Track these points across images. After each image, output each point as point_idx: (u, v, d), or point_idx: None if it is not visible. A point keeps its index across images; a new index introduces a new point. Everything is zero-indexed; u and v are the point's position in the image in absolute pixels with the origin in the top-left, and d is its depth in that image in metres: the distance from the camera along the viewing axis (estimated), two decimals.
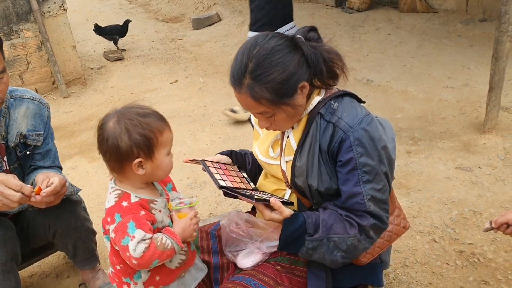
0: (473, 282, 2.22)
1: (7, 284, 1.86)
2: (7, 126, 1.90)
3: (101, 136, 1.43)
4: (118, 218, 1.40)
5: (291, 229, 1.58)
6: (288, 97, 1.50)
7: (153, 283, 1.52)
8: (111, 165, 1.46)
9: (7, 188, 1.61)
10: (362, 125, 1.51)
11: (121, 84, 5.54)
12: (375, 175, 1.52)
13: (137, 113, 1.42)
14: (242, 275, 1.77)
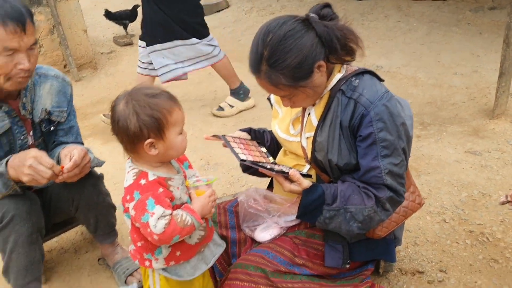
0: (483, 260, 2.28)
1: (32, 255, 1.93)
2: (33, 102, 1.96)
3: (112, 118, 1.46)
4: (137, 195, 1.44)
5: (309, 199, 1.64)
6: (304, 79, 1.55)
7: (174, 258, 1.57)
8: (124, 145, 1.50)
9: (39, 164, 1.67)
10: (382, 101, 1.56)
11: (131, 68, 5.57)
12: (393, 150, 1.58)
13: (145, 94, 1.44)
14: (261, 248, 1.83)
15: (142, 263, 1.59)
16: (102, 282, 2.34)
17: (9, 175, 1.75)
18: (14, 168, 1.72)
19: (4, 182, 1.79)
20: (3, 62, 1.68)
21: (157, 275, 1.61)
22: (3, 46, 1.64)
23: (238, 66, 5.43)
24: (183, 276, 1.60)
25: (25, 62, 1.71)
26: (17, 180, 1.77)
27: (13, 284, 1.97)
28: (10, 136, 1.90)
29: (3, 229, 1.86)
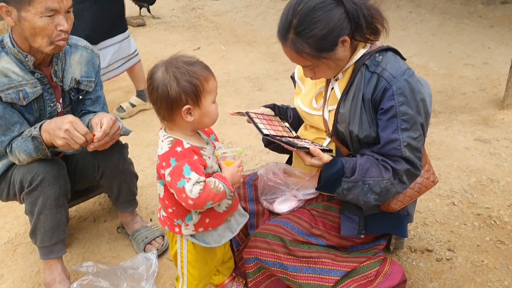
0: (490, 242, 2.35)
1: (59, 217, 2.01)
2: (63, 71, 2.02)
3: (151, 86, 1.51)
4: (174, 162, 1.50)
5: (329, 172, 1.70)
6: (328, 52, 1.62)
7: (203, 225, 1.64)
8: (161, 113, 1.54)
9: (75, 130, 1.74)
10: (404, 76, 1.62)
11: (144, 49, 5.64)
12: (413, 124, 1.64)
13: (184, 61, 1.50)
14: (279, 218, 1.91)
15: (172, 229, 1.66)
16: (121, 250, 2.42)
17: (42, 139, 1.82)
18: (49, 132, 1.79)
19: (36, 146, 1.86)
20: (45, 23, 1.76)
21: (185, 241, 1.69)
22: (45, 7, 1.73)
23: (250, 50, 5.51)
24: (210, 243, 1.68)
25: (64, 24, 1.79)
26: (49, 144, 1.85)
27: (39, 245, 2.05)
28: (41, 102, 1.98)
29: (32, 192, 1.94)
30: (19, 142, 1.88)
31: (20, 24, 1.78)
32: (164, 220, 1.69)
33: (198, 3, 7.76)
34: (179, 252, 1.72)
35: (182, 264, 1.73)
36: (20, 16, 1.76)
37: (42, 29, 1.76)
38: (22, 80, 1.89)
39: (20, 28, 1.79)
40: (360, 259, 1.87)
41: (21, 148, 1.87)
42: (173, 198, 1.57)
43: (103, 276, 2.09)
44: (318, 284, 1.78)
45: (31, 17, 1.74)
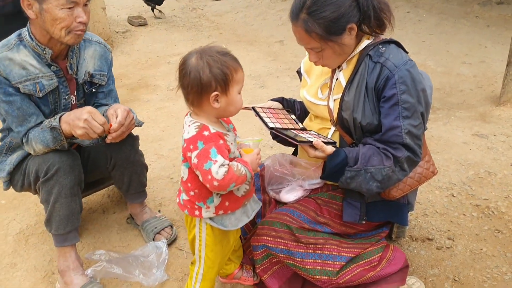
0: (488, 231, 2.44)
1: (73, 206, 2.08)
2: (78, 64, 2.10)
3: (183, 71, 1.58)
4: (201, 145, 1.57)
5: (333, 163, 1.77)
6: (336, 35, 1.70)
7: (223, 208, 1.71)
8: (190, 97, 1.61)
9: (93, 120, 1.82)
10: (406, 66, 1.70)
11: (146, 47, 5.72)
12: (413, 112, 1.72)
13: (217, 51, 1.59)
14: (286, 207, 1.98)
15: (192, 212, 1.73)
16: (131, 240, 2.49)
17: (61, 130, 1.90)
18: (69, 122, 1.87)
19: (55, 137, 1.93)
20: (65, 15, 1.84)
21: (204, 224, 1.76)
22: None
23: (251, 50, 5.59)
24: (228, 226, 1.75)
25: (83, 15, 1.88)
26: (68, 135, 1.92)
27: (54, 233, 2.11)
28: (56, 94, 2.05)
29: (47, 181, 2.00)
30: (36, 133, 1.95)
31: (41, 16, 1.85)
32: (184, 204, 1.75)
33: (198, 3, 7.83)
34: (197, 236, 1.78)
35: (200, 247, 1.80)
36: (41, 9, 1.84)
37: (62, 20, 1.84)
38: (39, 72, 1.96)
39: (42, 20, 1.86)
40: (364, 246, 1.94)
41: (38, 139, 1.94)
42: (196, 180, 1.64)
43: (116, 263, 2.17)
44: (324, 269, 1.85)
45: (52, 8, 1.82)
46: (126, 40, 5.97)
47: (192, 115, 1.68)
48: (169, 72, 4.98)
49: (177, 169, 3.11)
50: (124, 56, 5.52)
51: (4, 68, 1.90)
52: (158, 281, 2.14)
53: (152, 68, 5.12)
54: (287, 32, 5.96)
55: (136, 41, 5.97)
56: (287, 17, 1.80)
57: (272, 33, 6.04)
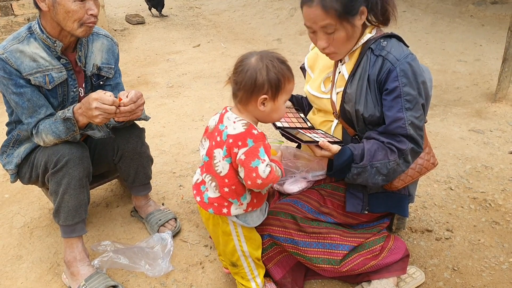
0: (485, 222, 2.49)
1: (81, 197, 2.11)
2: (86, 57, 2.13)
3: (241, 67, 1.62)
4: (251, 142, 1.61)
5: (340, 161, 1.82)
6: (351, 15, 1.72)
7: (252, 205, 1.77)
8: (239, 94, 1.64)
9: (103, 104, 1.84)
10: (407, 59, 1.75)
11: (145, 45, 5.75)
12: (415, 104, 1.77)
13: (277, 57, 1.63)
14: (290, 198, 2.03)
15: (219, 210, 1.75)
16: (135, 232, 2.52)
17: (75, 120, 1.93)
18: (83, 114, 1.90)
19: (68, 127, 1.96)
20: (77, 7, 1.88)
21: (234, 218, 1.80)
22: None
23: (250, 48, 5.63)
24: (250, 223, 1.81)
25: (95, 8, 1.92)
26: (82, 126, 1.96)
27: (62, 224, 2.13)
28: (65, 87, 2.08)
29: (57, 172, 2.03)
30: (47, 124, 1.98)
31: (53, 9, 1.89)
32: (209, 202, 1.76)
33: (196, 2, 7.87)
34: (234, 233, 1.82)
35: (240, 242, 1.84)
36: (54, 1, 1.87)
37: (74, 12, 1.88)
38: (49, 65, 2.00)
39: (54, 12, 1.89)
40: (366, 235, 1.99)
41: (50, 130, 1.97)
42: (234, 176, 1.68)
43: (122, 254, 2.20)
44: (327, 258, 1.90)
45: (65, 1, 1.86)
46: (125, 38, 6.00)
47: (234, 110, 1.71)
48: (168, 70, 5.01)
49: (179, 164, 3.15)
50: (123, 54, 5.54)
51: (15, 60, 1.92)
52: (164, 271, 2.17)
53: (151, 66, 5.15)
54: (285, 30, 6.02)
55: (135, 39, 6.00)
56: (284, 16, 1.85)
57: (269, 32, 6.09)
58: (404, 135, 1.78)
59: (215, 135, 1.71)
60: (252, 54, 1.63)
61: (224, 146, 1.65)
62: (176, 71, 4.94)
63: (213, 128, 1.75)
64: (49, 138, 1.99)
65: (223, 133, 1.67)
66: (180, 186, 2.88)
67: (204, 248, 2.35)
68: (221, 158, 1.68)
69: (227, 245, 1.85)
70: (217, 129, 1.71)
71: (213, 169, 1.72)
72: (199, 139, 3.38)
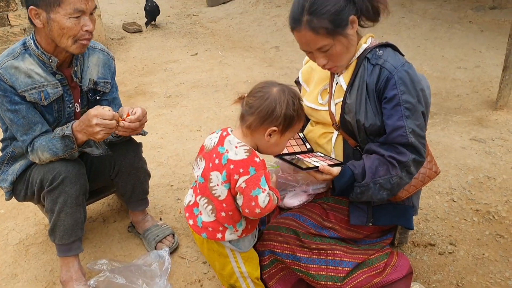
0: (489, 236, 2.45)
1: (78, 215, 2.07)
2: (82, 72, 2.09)
3: (260, 93, 1.60)
4: (253, 171, 1.58)
5: (341, 183, 1.79)
6: (342, 28, 1.71)
7: (246, 231, 1.74)
8: (250, 119, 1.60)
9: (103, 120, 1.81)
10: (404, 67, 1.74)
11: (142, 54, 5.71)
12: (415, 112, 1.74)
13: (297, 95, 1.63)
14: (291, 212, 1.99)
15: (213, 235, 1.70)
16: (132, 249, 2.47)
17: (74, 138, 1.90)
18: (83, 132, 1.87)
19: (66, 145, 1.92)
20: (72, 24, 1.84)
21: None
22: (74, 8, 1.82)
23: (247, 56, 5.60)
24: (242, 248, 1.78)
25: (90, 24, 1.88)
26: (80, 143, 1.94)
27: (58, 242, 2.09)
28: (61, 103, 2.04)
29: (53, 190, 1.99)
30: (43, 141, 1.94)
31: (48, 25, 1.85)
32: (203, 226, 1.71)
33: (193, 10, 7.85)
34: (231, 255, 1.78)
35: (238, 264, 1.80)
36: (49, 18, 1.83)
37: (69, 29, 1.84)
38: (44, 81, 1.96)
39: (48, 29, 1.86)
40: (369, 252, 1.95)
41: (47, 147, 1.93)
42: (232, 203, 1.64)
43: (118, 273, 2.15)
44: (330, 275, 1.85)
45: (60, 18, 1.82)
46: (122, 47, 5.96)
47: (236, 133, 1.67)
48: (166, 79, 4.97)
49: (177, 176, 3.10)
50: (120, 63, 5.50)
51: (10, 77, 1.89)
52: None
53: (148, 75, 5.12)
54: (282, 38, 6.00)
55: (132, 48, 5.96)
56: (282, 23, 1.83)
57: (267, 39, 6.06)
58: (405, 144, 1.75)
59: (212, 157, 1.66)
60: (274, 84, 1.62)
61: (223, 170, 1.61)
62: (174, 80, 4.90)
63: (211, 148, 1.70)
64: (45, 156, 1.95)
65: (223, 156, 1.62)
66: (178, 200, 2.84)
67: (203, 265, 2.30)
68: (219, 182, 1.63)
69: (225, 268, 1.81)
70: (215, 151, 1.66)
71: (209, 192, 1.67)
72: (197, 150, 3.34)
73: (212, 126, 3.78)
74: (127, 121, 1.87)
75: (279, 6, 7.14)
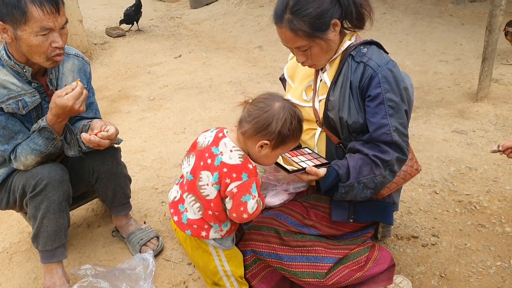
0: (471, 226, 2.47)
1: (61, 221, 2.05)
2: (57, 79, 2.08)
3: (262, 103, 1.60)
4: (245, 177, 1.59)
5: (326, 183, 1.80)
6: (322, 31, 1.71)
7: (229, 232, 1.75)
8: (246, 126, 1.60)
9: (69, 93, 1.82)
10: (388, 66, 1.74)
11: (126, 58, 5.69)
12: (398, 110, 1.75)
13: (298, 115, 1.63)
14: (273, 211, 1.99)
15: (198, 233, 1.71)
16: (117, 253, 2.47)
17: (51, 128, 1.90)
18: (57, 111, 1.85)
19: (46, 137, 1.92)
20: (39, 41, 1.81)
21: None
22: (40, 26, 1.78)
23: (231, 56, 5.61)
24: (227, 246, 1.79)
25: (59, 40, 1.85)
26: (61, 132, 1.94)
27: (41, 249, 2.08)
28: (39, 110, 2.02)
29: (36, 196, 1.97)
30: (24, 145, 1.93)
31: (16, 41, 1.83)
32: (188, 223, 1.71)
33: (176, 12, 7.84)
34: (214, 253, 1.78)
35: (221, 262, 1.80)
36: (16, 34, 1.81)
37: (37, 46, 1.82)
38: (21, 90, 1.94)
39: (17, 44, 1.84)
40: (351, 246, 1.96)
41: (29, 149, 1.92)
42: (220, 204, 1.65)
43: (102, 277, 2.14)
44: (312, 271, 1.86)
45: (27, 36, 1.79)
46: (105, 52, 5.94)
47: (232, 136, 1.67)
48: (150, 82, 4.96)
49: (161, 179, 3.10)
50: (104, 67, 5.48)
51: None
52: None
53: (132, 79, 5.10)
54: (266, 37, 6.00)
55: (115, 52, 5.94)
56: (265, 23, 1.83)
57: (251, 39, 6.07)
58: (389, 142, 1.76)
59: (205, 156, 1.66)
60: (278, 98, 1.62)
61: (216, 172, 1.61)
62: (157, 83, 4.89)
63: (204, 147, 1.68)
64: (30, 158, 1.94)
65: (217, 158, 1.62)
66: (162, 203, 2.83)
67: (188, 266, 2.30)
68: (210, 183, 1.63)
69: (208, 265, 1.81)
70: (209, 150, 1.65)
71: (197, 190, 1.67)
72: (182, 152, 3.34)
73: (196, 128, 3.78)
74: (98, 136, 1.87)
75: (262, 6, 7.14)
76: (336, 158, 1.91)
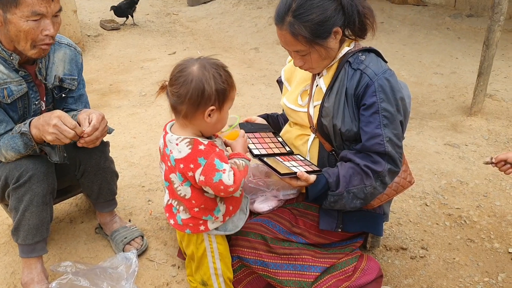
0: (460, 240, 2.45)
1: (44, 215, 1.98)
2: (47, 68, 2.01)
3: (182, 78, 1.49)
4: (202, 160, 1.51)
5: (315, 190, 1.77)
6: (322, 39, 1.68)
7: (228, 213, 1.70)
8: (184, 108, 1.51)
9: (63, 124, 1.71)
10: (385, 75, 1.70)
11: (119, 52, 5.62)
12: (393, 121, 1.71)
13: (220, 64, 1.54)
14: (261, 217, 1.95)
15: (196, 229, 1.67)
16: (99, 250, 2.40)
17: (31, 135, 1.80)
18: (38, 127, 1.77)
19: (25, 142, 1.84)
20: (30, 27, 1.73)
21: (212, 237, 1.73)
22: (32, 11, 1.70)
23: (226, 56, 5.56)
24: (231, 230, 1.74)
25: (50, 28, 1.77)
26: (39, 140, 1.82)
27: (21, 243, 2.00)
28: (26, 100, 1.95)
29: (19, 188, 1.90)
30: (6, 140, 1.86)
31: (5, 25, 1.75)
32: (184, 223, 1.68)
33: (173, 8, 7.77)
34: (208, 249, 1.74)
35: (214, 259, 1.76)
36: (5, 18, 1.73)
37: (27, 32, 1.74)
38: (7, 78, 1.87)
39: (6, 29, 1.76)
40: (338, 256, 1.92)
41: (9, 146, 1.85)
42: (200, 196, 1.60)
43: (82, 275, 2.08)
44: (298, 280, 1.82)
45: (17, 20, 1.72)
46: (98, 44, 5.86)
47: (174, 129, 1.61)
48: (142, 78, 4.89)
49: (149, 177, 3.04)
50: (96, 60, 5.40)
51: None
52: None
53: (124, 73, 5.02)
54: (262, 39, 5.97)
55: (108, 46, 5.86)
56: (262, 24, 1.79)
57: (247, 40, 6.02)
58: (382, 153, 1.73)
59: (165, 159, 1.62)
60: (192, 62, 1.51)
61: (177, 171, 1.57)
62: (149, 79, 4.82)
63: (162, 152, 1.66)
64: (10, 154, 1.87)
65: (171, 157, 1.57)
66: (149, 201, 2.77)
67: (172, 267, 2.24)
68: (179, 184, 1.59)
69: (201, 262, 1.78)
70: (165, 153, 1.62)
71: (176, 194, 1.64)
72: None
73: None
74: (85, 136, 1.78)
75: (260, 7, 7.11)
76: (328, 165, 1.88)
